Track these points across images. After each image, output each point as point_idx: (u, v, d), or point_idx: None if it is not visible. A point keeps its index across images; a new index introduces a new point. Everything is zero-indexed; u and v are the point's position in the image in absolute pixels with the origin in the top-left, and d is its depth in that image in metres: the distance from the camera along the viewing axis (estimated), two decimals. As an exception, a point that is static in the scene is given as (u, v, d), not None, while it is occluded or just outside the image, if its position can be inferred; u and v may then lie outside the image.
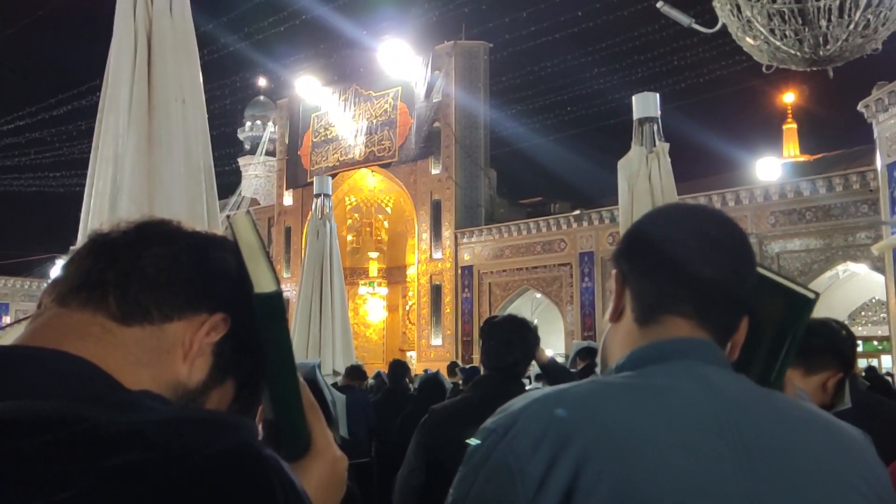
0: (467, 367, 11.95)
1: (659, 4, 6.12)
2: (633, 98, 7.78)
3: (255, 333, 0.71)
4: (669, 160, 7.29)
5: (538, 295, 25.86)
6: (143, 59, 4.07)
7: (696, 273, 0.98)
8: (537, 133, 30.84)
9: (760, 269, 1.06)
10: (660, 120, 7.61)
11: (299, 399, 0.75)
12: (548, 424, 0.87)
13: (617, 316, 1.05)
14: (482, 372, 3.07)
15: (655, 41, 24.19)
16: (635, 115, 7.62)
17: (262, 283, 0.71)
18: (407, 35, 29.07)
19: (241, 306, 0.71)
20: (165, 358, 0.69)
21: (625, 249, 1.06)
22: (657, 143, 7.39)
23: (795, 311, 1.09)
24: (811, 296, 1.09)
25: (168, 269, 0.71)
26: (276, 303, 0.71)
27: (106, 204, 4.01)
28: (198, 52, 4.42)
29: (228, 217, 0.77)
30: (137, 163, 4.04)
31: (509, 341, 2.88)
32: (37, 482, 0.51)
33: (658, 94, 7.94)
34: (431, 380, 7.47)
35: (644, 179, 7.17)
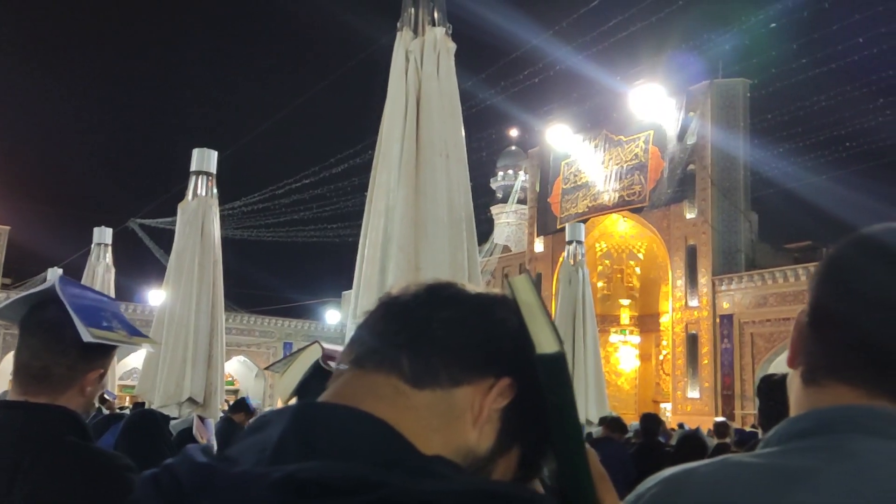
0: (746, 430, 10.88)
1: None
2: (930, 128, 6.88)
3: (541, 398, 0.69)
4: (979, 197, 6.31)
5: (810, 348, 23.50)
6: (413, 118, 4.38)
7: (872, 338, 0.80)
8: (808, 172, 28.20)
9: None
10: (965, 151, 6.65)
11: (587, 467, 0.72)
12: None
13: (793, 363, 0.88)
14: (760, 436, 2.82)
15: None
16: (933, 147, 6.72)
17: (543, 343, 0.69)
18: (660, 77, 28.47)
19: (525, 369, 0.70)
20: (455, 424, 0.68)
21: (816, 285, 0.86)
22: (962, 177, 6.43)
23: None
24: None
25: (457, 332, 0.71)
26: (559, 364, 0.69)
27: (378, 253, 4.33)
28: (460, 109, 4.67)
29: (507, 277, 0.76)
30: (405, 214, 4.32)
31: None
32: None
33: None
34: (692, 437, 7.04)
35: (946, 220, 6.25)
